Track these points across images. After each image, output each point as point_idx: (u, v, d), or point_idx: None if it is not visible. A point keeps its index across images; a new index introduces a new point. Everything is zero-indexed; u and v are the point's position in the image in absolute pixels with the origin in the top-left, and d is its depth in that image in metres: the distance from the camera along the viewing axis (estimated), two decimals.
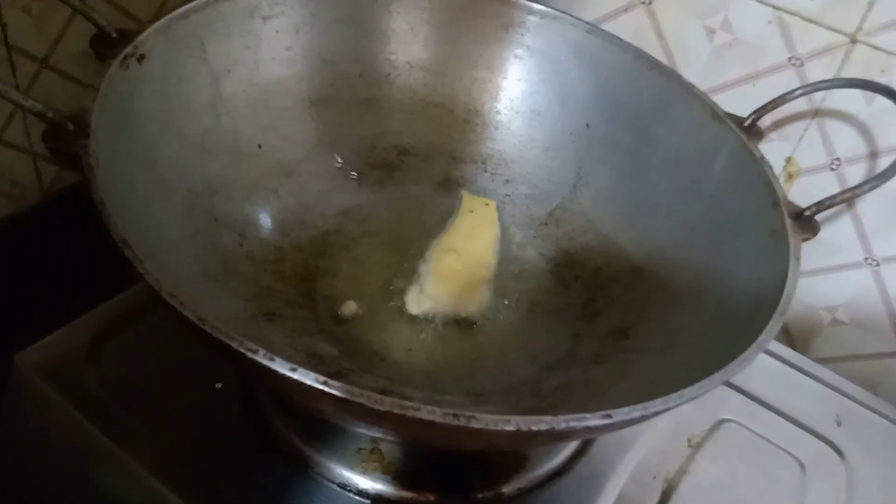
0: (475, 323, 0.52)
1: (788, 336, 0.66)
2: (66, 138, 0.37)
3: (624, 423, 0.32)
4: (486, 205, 0.58)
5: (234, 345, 0.30)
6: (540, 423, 0.29)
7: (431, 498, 0.44)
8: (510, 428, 0.29)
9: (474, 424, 0.29)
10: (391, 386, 0.45)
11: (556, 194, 0.58)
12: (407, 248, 0.55)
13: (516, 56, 0.59)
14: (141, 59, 0.43)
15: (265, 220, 0.51)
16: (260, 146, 0.52)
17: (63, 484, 0.48)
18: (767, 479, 0.51)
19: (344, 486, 0.44)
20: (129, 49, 0.43)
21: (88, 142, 0.36)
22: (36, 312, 0.52)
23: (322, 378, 0.29)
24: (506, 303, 0.53)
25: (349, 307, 0.49)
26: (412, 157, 0.59)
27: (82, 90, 0.59)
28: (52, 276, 0.62)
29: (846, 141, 0.58)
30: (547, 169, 0.59)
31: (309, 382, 0.30)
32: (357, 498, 0.44)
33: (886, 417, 0.57)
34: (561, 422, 0.30)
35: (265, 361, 0.30)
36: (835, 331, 0.64)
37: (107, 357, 0.48)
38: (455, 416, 0.29)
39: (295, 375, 0.30)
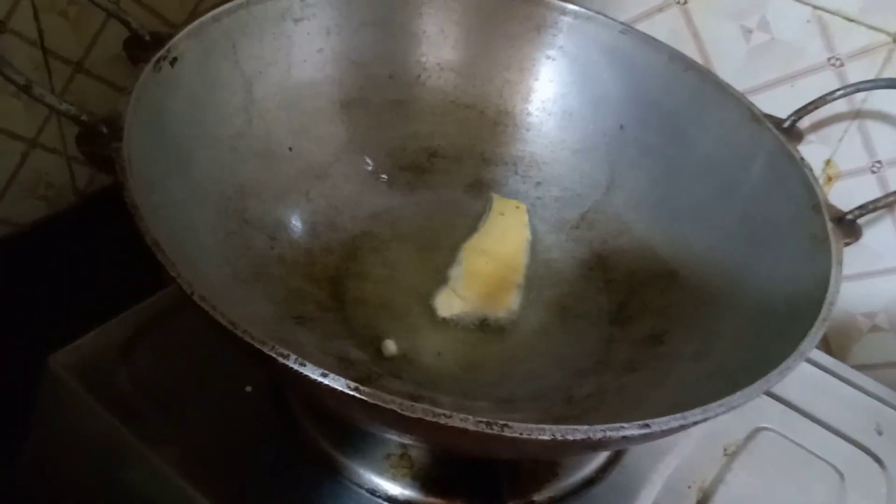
0: (505, 327, 0.51)
1: (826, 342, 0.65)
2: (100, 141, 0.37)
3: (662, 433, 0.31)
4: (517, 207, 0.58)
5: (266, 349, 0.30)
6: (575, 433, 0.29)
7: None
8: (545, 437, 0.29)
9: (508, 433, 0.28)
10: (420, 391, 0.45)
11: (588, 197, 0.58)
12: (437, 251, 0.55)
13: (548, 57, 0.59)
14: (174, 62, 0.43)
15: (296, 223, 0.51)
16: (291, 149, 0.52)
17: (94, 483, 0.48)
18: (805, 488, 0.50)
19: (373, 492, 0.44)
20: (161, 52, 0.43)
21: (121, 145, 0.37)
22: (69, 314, 0.52)
23: (353, 384, 0.29)
24: (536, 307, 0.53)
25: (389, 346, 0.48)
26: (442, 159, 0.59)
27: (116, 93, 0.60)
28: (85, 278, 0.62)
29: (888, 143, 0.56)
30: (579, 171, 0.58)
31: (340, 388, 0.29)
32: None
33: None
34: (597, 431, 0.29)
35: (296, 367, 0.30)
36: (874, 337, 0.63)
37: (139, 359, 0.49)
38: (488, 424, 0.28)
39: (326, 381, 0.29)
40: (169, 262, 0.32)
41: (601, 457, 0.48)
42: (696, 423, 0.31)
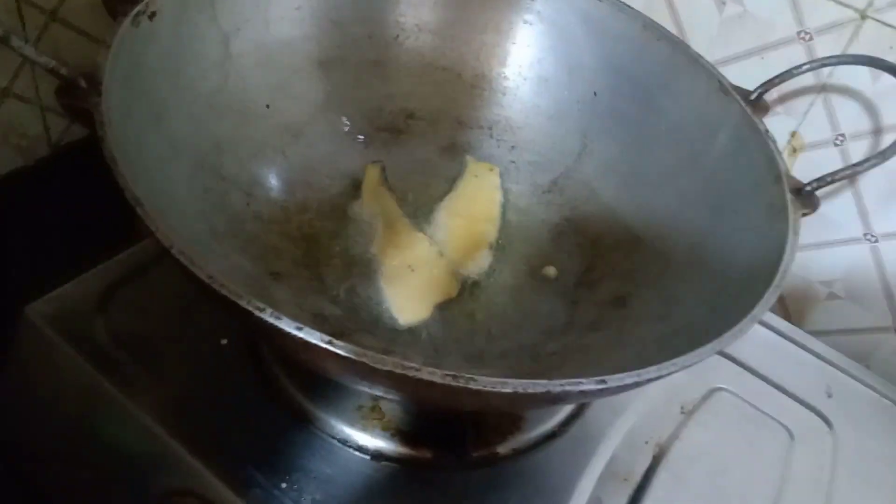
0: (476, 286, 0.53)
1: (784, 309, 0.67)
2: (79, 95, 0.37)
3: (618, 389, 0.33)
4: (491, 170, 0.59)
5: (242, 303, 0.31)
6: (536, 387, 0.30)
7: (429, 455, 0.46)
8: (507, 390, 0.30)
9: (473, 386, 0.30)
10: (392, 346, 0.46)
11: (560, 162, 0.59)
12: (411, 212, 0.56)
13: (525, 21, 0.59)
14: (152, 16, 0.43)
15: (272, 181, 0.52)
16: (268, 106, 0.52)
17: (71, 432, 0.49)
18: (756, 446, 0.52)
19: (344, 442, 0.45)
20: (140, 6, 0.43)
21: (101, 99, 0.37)
22: (45, 264, 0.52)
23: (327, 337, 0.30)
24: (507, 268, 0.54)
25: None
26: (419, 121, 0.60)
27: (91, 43, 0.59)
28: (60, 229, 0.62)
29: (851, 117, 0.58)
30: (552, 137, 0.59)
31: (314, 341, 0.30)
32: (357, 454, 0.45)
33: (876, 390, 0.58)
34: (557, 385, 0.30)
35: (272, 320, 0.31)
36: (830, 305, 0.65)
37: (116, 310, 0.49)
38: (455, 377, 0.30)
39: (301, 334, 0.30)
40: (148, 216, 0.33)
41: (563, 412, 0.50)
42: (650, 381, 0.33)
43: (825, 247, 0.63)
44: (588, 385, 0.31)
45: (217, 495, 0.42)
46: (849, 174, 0.47)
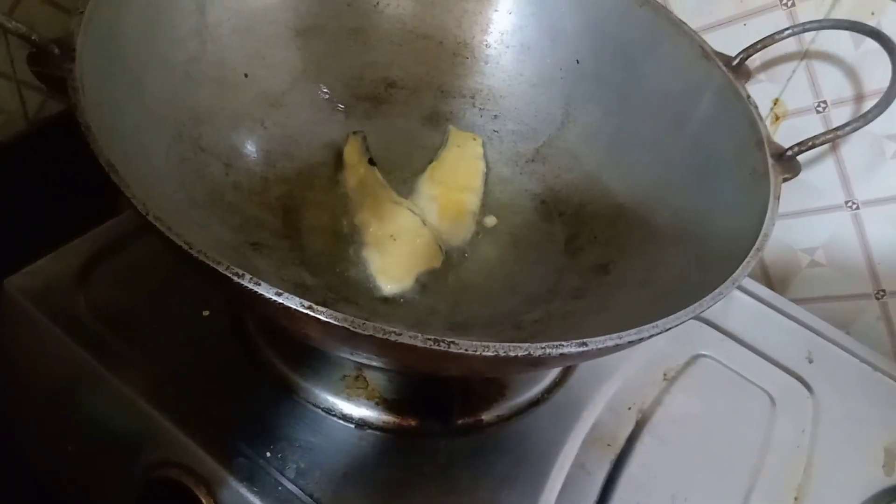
0: (459, 256, 0.52)
1: (767, 277, 0.68)
2: (51, 62, 0.37)
3: (599, 352, 0.33)
4: (474, 140, 0.59)
5: (221, 269, 0.31)
6: (517, 350, 0.30)
7: (414, 423, 0.46)
8: (488, 353, 0.30)
9: (454, 350, 0.30)
10: (375, 316, 0.46)
11: (543, 131, 0.59)
12: (393, 182, 0.55)
13: None
14: None
15: (251, 151, 0.51)
16: (246, 75, 0.52)
17: (52, 406, 0.49)
18: (738, 411, 0.53)
19: (328, 411, 0.46)
20: None
21: (73, 66, 0.36)
22: (24, 239, 0.52)
23: (307, 303, 0.30)
24: (490, 237, 0.54)
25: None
26: (400, 90, 0.59)
27: (65, 17, 0.58)
28: (38, 205, 0.62)
29: (833, 84, 0.58)
30: (535, 105, 0.59)
31: (294, 307, 0.30)
32: (341, 422, 0.45)
33: (855, 355, 0.59)
34: (537, 348, 0.30)
35: (251, 286, 0.30)
36: (812, 272, 0.66)
37: (95, 283, 0.49)
38: (436, 341, 0.30)
39: (280, 300, 0.30)
40: (123, 182, 0.32)
41: (547, 379, 0.50)
42: (631, 343, 0.33)
43: (807, 214, 0.63)
44: (569, 348, 0.31)
45: (202, 466, 0.42)
46: (831, 138, 0.47)
